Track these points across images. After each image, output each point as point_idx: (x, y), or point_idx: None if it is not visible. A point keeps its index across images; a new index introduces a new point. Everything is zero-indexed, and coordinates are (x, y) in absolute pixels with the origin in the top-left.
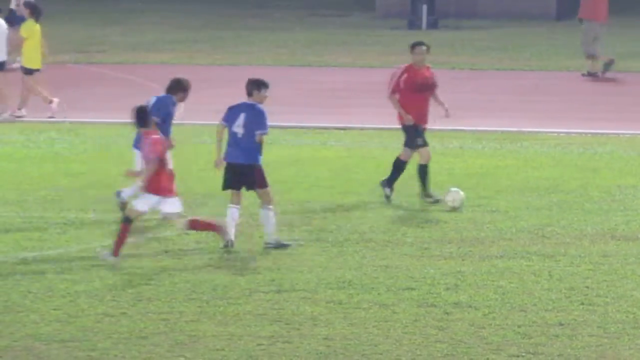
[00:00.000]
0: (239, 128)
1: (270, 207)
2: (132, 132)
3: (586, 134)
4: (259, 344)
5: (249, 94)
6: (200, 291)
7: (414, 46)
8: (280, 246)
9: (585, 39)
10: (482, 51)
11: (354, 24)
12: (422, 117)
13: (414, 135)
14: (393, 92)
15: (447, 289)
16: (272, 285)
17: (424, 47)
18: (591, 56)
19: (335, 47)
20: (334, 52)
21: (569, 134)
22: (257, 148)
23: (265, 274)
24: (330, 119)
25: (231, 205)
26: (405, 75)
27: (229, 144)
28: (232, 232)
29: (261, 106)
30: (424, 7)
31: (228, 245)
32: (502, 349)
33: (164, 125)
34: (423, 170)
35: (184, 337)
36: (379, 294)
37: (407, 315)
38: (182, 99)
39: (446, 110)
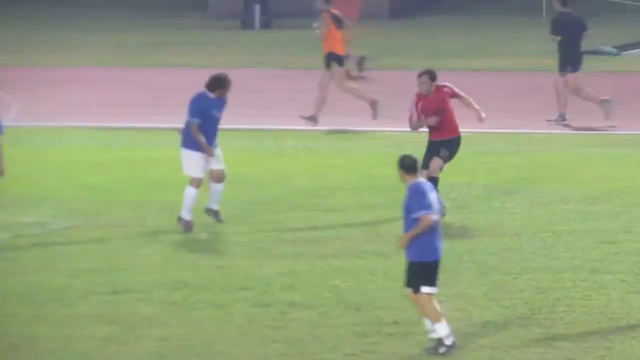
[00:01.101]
0: None
1: None
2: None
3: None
4: (94, 346)
5: None
6: (36, 293)
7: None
8: None
9: None
10: (317, 50)
11: (187, 25)
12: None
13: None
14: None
15: (282, 288)
16: (108, 286)
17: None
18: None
19: (169, 48)
20: (169, 52)
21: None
22: None
23: (100, 276)
24: (169, 119)
25: None
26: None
27: None
28: None
29: None
30: (257, 7)
31: None
32: (338, 348)
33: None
34: None
35: (19, 340)
36: (214, 294)
37: (243, 315)
38: (221, 95)
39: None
